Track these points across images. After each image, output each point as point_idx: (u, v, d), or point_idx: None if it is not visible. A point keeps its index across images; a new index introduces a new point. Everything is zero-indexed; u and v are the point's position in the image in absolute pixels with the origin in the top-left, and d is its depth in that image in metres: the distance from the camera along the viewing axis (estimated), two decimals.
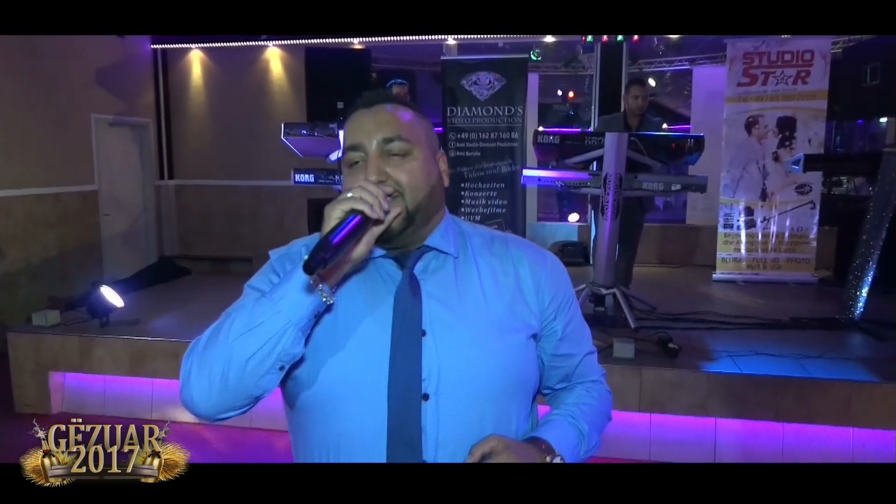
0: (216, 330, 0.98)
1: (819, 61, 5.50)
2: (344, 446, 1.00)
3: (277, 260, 1.09)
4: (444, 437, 0.98)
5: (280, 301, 0.93)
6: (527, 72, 5.94)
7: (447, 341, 0.99)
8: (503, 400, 1.02)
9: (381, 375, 0.97)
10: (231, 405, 0.98)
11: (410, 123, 1.03)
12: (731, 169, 5.71)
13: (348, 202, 0.92)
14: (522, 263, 1.08)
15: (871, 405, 3.17)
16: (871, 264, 4.18)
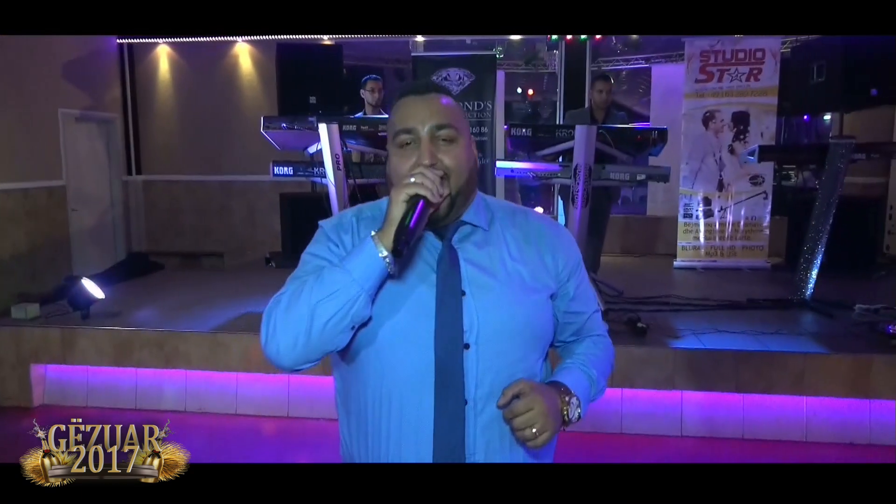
0: (295, 294, 1.10)
1: (770, 60, 5.83)
2: (397, 389, 1.14)
3: (332, 230, 1.22)
4: (481, 378, 1.14)
5: (353, 271, 1.08)
6: (495, 68, 6.14)
7: (483, 300, 1.15)
8: (527, 349, 1.19)
9: (428, 329, 1.12)
10: (308, 359, 1.13)
11: (456, 112, 1.17)
12: (689, 161, 6.00)
13: (412, 188, 1.06)
14: (541, 234, 1.25)
15: (822, 375, 3.45)
16: (819, 248, 4.48)
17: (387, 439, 1.15)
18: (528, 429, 1.10)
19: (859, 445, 3.51)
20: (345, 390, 1.24)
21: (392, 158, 1.16)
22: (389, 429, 1.15)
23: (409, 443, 1.14)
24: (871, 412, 3.51)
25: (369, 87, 5.40)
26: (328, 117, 4.38)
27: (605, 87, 4.86)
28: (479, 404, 1.13)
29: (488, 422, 1.14)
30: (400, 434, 1.14)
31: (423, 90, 1.18)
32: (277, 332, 1.10)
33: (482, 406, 1.14)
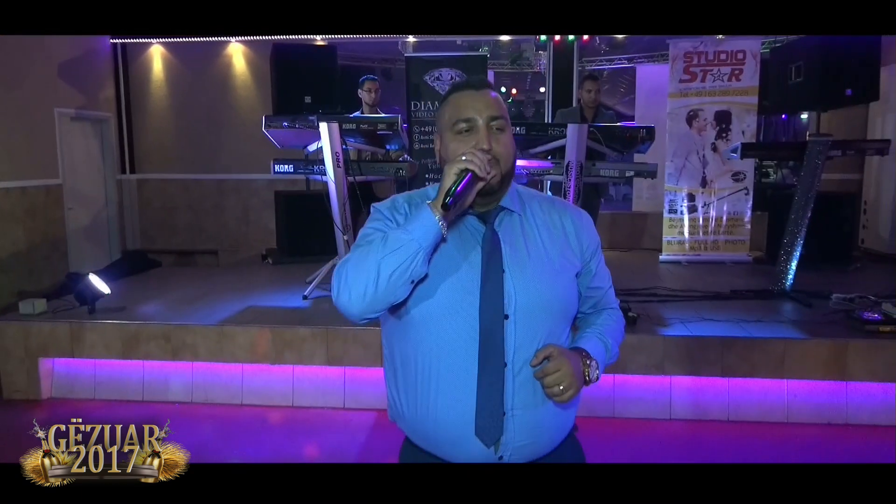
0: (363, 254, 1.27)
1: (750, 60, 6.05)
2: (445, 353, 1.31)
3: (387, 210, 1.39)
4: (518, 343, 1.31)
5: (413, 231, 1.25)
6: (486, 69, 6.29)
7: (520, 278, 1.33)
8: (557, 320, 1.38)
9: (473, 302, 1.31)
10: (374, 309, 1.28)
11: (504, 106, 1.36)
12: (674, 159, 6.21)
13: (462, 163, 1.25)
14: (567, 219, 1.44)
15: (801, 359, 3.65)
16: (798, 241, 4.70)
17: (435, 395, 1.32)
18: (557, 386, 1.29)
19: (836, 425, 3.72)
20: (395, 354, 1.40)
21: (450, 144, 1.34)
22: (439, 386, 1.32)
23: (455, 398, 1.31)
24: (848, 394, 3.72)
25: (367, 87, 5.52)
26: (329, 116, 4.51)
27: (593, 87, 5.06)
28: (517, 367, 1.31)
29: (524, 381, 1.32)
30: (448, 390, 1.31)
31: (479, 86, 1.36)
32: (349, 285, 1.26)
33: (519, 368, 1.31)
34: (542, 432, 1.35)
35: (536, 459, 1.37)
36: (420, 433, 1.38)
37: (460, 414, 1.30)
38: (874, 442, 3.55)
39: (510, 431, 1.31)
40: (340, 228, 4.62)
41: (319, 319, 4.08)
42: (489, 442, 1.30)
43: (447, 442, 1.34)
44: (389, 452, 3.56)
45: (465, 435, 1.30)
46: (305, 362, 3.94)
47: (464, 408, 1.30)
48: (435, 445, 1.37)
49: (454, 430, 1.31)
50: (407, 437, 1.46)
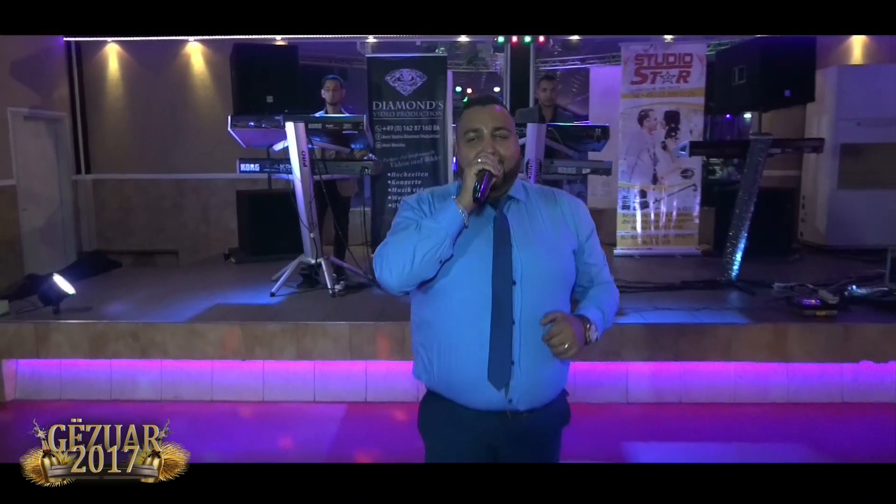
0: (400, 240, 1.57)
1: (697, 63, 6.34)
2: (464, 313, 1.59)
3: (415, 202, 1.70)
4: (524, 305, 1.59)
5: (442, 221, 1.55)
6: (446, 69, 6.43)
7: (526, 252, 1.61)
8: (556, 287, 1.66)
9: (487, 270, 1.59)
10: (410, 283, 1.58)
11: (507, 117, 1.66)
12: (626, 157, 6.47)
13: (479, 165, 1.55)
14: (564, 205, 1.73)
15: (746, 343, 3.90)
16: (742, 234, 4.99)
17: (456, 349, 1.60)
18: (561, 345, 1.54)
19: (779, 404, 3.99)
20: (422, 316, 1.68)
21: (462, 149, 1.66)
22: (459, 342, 1.60)
23: (472, 351, 1.58)
24: (788, 374, 3.99)
25: (328, 87, 5.56)
26: (295, 116, 4.58)
27: (548, 86, 5.26)
28: (523, 326, 1.59)
29: (528, 337, 1.59)
30: (466, 345, 1.59)
31: (485, 102, 1.67)
32: (390, 264, 1.56)
33: (525, 327, 1.59)
34: (542, 382, 1.63)
35: (536, 407, 1.63)
36: (444, 383, 1.65)
37: (476, 364, 1.58)
38: (814, 418, 3.83)
39: (516, 378, 1.58)
40: (307, 226, 4.69)
41: (288, 315, 4.16)
42: (500, 385, 1.58)
43: (466, 387, 1.61)
44: (361, 442, 3.68)
45: (481, 380, 1.58)
46: (276, 357, 4.01)
47: (479, 359, 1.58)
48: (455, 392, 1.64)
49: (472, 376, 1.59)
50: (428, 391, 1.74)
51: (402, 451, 3.45)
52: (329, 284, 4.68)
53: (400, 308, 4.32)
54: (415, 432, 3.42)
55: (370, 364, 4.06)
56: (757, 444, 3.60)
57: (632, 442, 3.55)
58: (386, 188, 6.46)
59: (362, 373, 4.09)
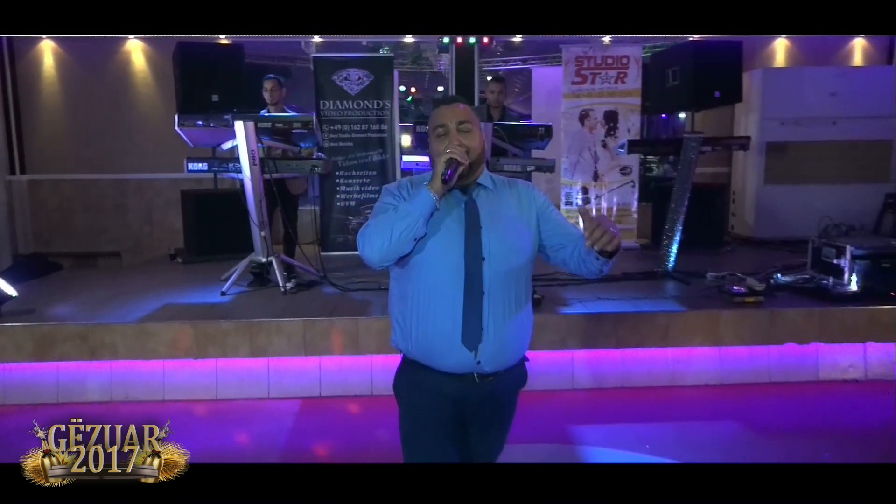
0: (380, 221, 1.77)
1: (633, 65, 6.62)
2: (439, 285, 1.80)
3: (395, 189, 1.91)
4: (492, 278, 1.81)
5: (415, 203, 1.76)
6: (393, 69, 6.50)
7: (493, 232, 1.84)
8: (519, 260, 1.87)
9: (459, 248, 1.81)
10: (389, 258, 1.78)
11: (471, 113, 1.89)
12: (569, 155, 6.69)
13: (447, 155, 1.75)
14: (520, 189, 1.96)
15: (682, 329, 4.14)
16: (678, 227, 5.26)
17: (433, 317, 1.81)
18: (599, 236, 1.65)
19: (712, 385, 4.25)
20: (401, 290, 1.88)
21: (433, 143, 1.89)
22: (436, 311, 1.81)
23: (446, 318, 1.79)
24: (721, 357, 4.26)
25: (266, 87, 5.55)
26: (244, 115, 4.59)
27: (496, 88, 5.41)
28: (491, 294, 1.81)
29: (496, 307, 1.81)
30: (442, 313, 1.80)
31: (450, 101, 1.91)
32: (371, 242, 1.76)
33: (493, 295, 1.81)
34: (507, 346, 1.85)
35: (500, 370, 1.85)
36: (420, 348, 1.85)
37: (450, 329, 1.79)
38: (745, 398, 4.10)
39: (485, 342, 1.80)
40: (257, 225, 4.71)
41: (240, 313, 4.18)
42: (472, 347, 1.79)
43: (441, 351, 1.81)
44: (317, 436, 3.74)
45: (454, 344, 1.79)
46: (229, 355, 4.03)
47: (453, 325, 1.79)
48: (431, 357, 1.84)
49: (446, 341, 1.80)
50: (404, 358, 1.94)
51: (358, 444, 3.54)
52: (280, 282, 4.70)
53: (352, 304, 4.40)
54: (371, 424, 3.55)
55: (324, 359, 4.12)
56: (693, 423, 3.83)
57: (577, 425, 3.73)
58: (335, 187, 6.49)
59: (316, 368, 4.15)
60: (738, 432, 3.68)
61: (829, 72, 7.02)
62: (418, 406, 1.89)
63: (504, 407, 1.96)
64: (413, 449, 1.90)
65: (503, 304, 1.81)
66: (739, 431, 3.70)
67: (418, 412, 1.89)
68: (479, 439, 1.95)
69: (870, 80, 6.90)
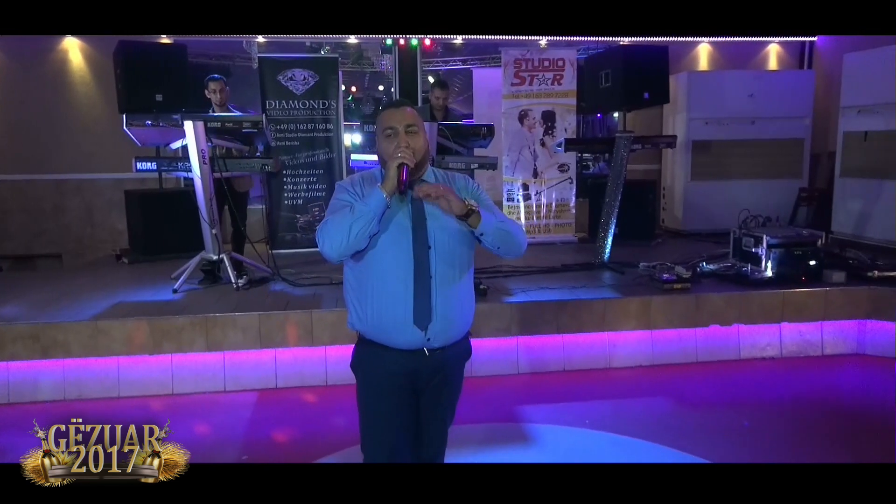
0: (339, 219, 1.93)
1: (568, 67, 6.95)
2: (391, 272, 1.98)
3: (349, 185, 2.08)
4: (438, 263, 1.99)
5: (370, 204, 1.93)
6: (338, 69, 6.64)
7: (437, 223, 2.01)
8: (461, 245, 2.06)
9: (407, 238, 1.99)
10: (346, 253, 1.96)
11: (417, 116, 2.05)
12: (509, 153, 6.98)
13: (399, 160, 1.91)
14: (458, 183, 2.15)
15: (617, 314, 4.46)
16: (612, 220, 5.60)
17: (386, 300, 1.99)
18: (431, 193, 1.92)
19: (645, 366, 4.59)
20: (357, 278, 2.06)
21: (382, 143, 2.03)
22: (387, 294, 1.99)
23: (399, 301, 1.98)
24: (653, 340, 4.60)
25: (211, 88, 5.55)
26: (193, 115, 4.65)
27: (441, 95, 5.64)
28: (438, 278, 2.00)
29: (442, 290, 2.01)
30: (394, 296, 1.98)
31: (399, 105, 2.08)
32: (331, 239, 1.93)
33: (439, 279, 2.00)
34: (453, 323, 2.05)
35: (447, 345, 2.05)
36: (375, 328, 2.03)
37: (402, 310, 1.98)
38: (675, 376, 4.45)
39: (434, 321, 2.00)
40: (208, 223, 4.78)
41: (194, 310, 4.25)
42: (422, 326, 1.99)
43: (394, 330, 2.00)
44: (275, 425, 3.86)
45: (406, 323, 1.98)
46: (185, 350, 4.10)
47: (405, 306, 1.98)
48: (384, 335, 2.02)
49: (398, 321, 1.99)
50: (360, 337, 2.11)
51: (316, 431, 3.69)
52: (233, 279, 4.79)
53: (304, 299, 4.54)
54: (327, 412, 3.77)
55: (279, 352, 4.25)
56: (628, 399, 4.14)
57: (522, 406, 3.98)
58: (282, 185, 6.59)
59: (272, 361, 4.27)
60: (668, 407, 4.02)
61: (747, 75, 7.55)
62: (374, 380, 2.08)
63: (452, 377, 2.15)
64: (369, 420, 2.11)
65: (449, 286, 2.00)
66: (670, 406, 4.03)
67: (374, 386, 2.08)
68: (431, 408, 2.15)
69: (784, 83, 7.46)
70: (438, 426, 2.22)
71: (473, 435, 3.46)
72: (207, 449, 3.50)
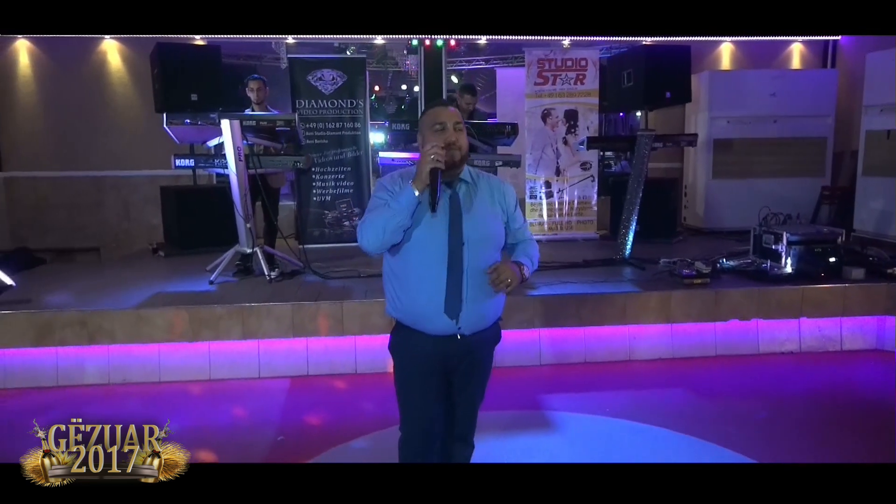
0: (376, 216, 2.11)
1: (591, 67, 7.07)
2: (426, 265, 2.14)
3: (388, 182, 2.21)
4: (470, 259, 2.14)
5: (402, 201, 2.09)
6: (365, 69, 6.81)
7: (471, 221, 2.17)
8: (492, 245, 2.22)
9: (444, 234, 2.14)
10: (383, 247, 2.14)
11: (460, 115, 2.22)
12: (532, 151, 7.11)
13: (430, 164, 2.03)
14: (497, 185, 2.30)
15: (638, 308, 4.58)
16: (633, 217, 5.71)
17: (420, 291, 2.16)
18: (504, 282, 2.12)
19: (665, 359, 4.70)
20: (395, 269, 2.22)
21: (429, 137, 2.15)
22: (422, 286, 2.16)
23: (433, 292, 2.14)
24: (673, 333, 4.71)
25: (252, 87, 5.76)
26: (230, 114, 4.85)
27: (472, 101, 5.81)
28: (469, 273, 2.15)
29: (473, 282, 2.15)
30: (429, 287, 2.14)
31: (446, 104, 2.27)
32: (368, 234, 2.11)
33: (471, 273, 2.15)
34: (483, 314, 2.21)
35: (477, 332, 2.21)
36: (410, 315, 2.21)
37: (436, 301, 2.15)
38: (693, 369, 4.55)
39: (464, 312, 2.16)
40: (242, 217, 4.98)
41: (230, 300, 4.45)
42: (453, 316, 2.15)
43: (428, 318, 2.17)
44: (309, 409, 4.04)
45: (438, 313, 2.15)
46: (222, 338, 4.31)
47: (438, 297, 2.15)
48: (419, 322, 2.19)
49: (432, 310, 2.16)
50: (397, 323, 2.28)
51: (347, 416, 3.86)
52: (266, 271, 4.99)
53: (335, 291, 4.72)
54: (357, 398, 3.98)
55: (311, 341, 4.44)
56: (647, 390, 4.26)
57: (544, 395, 4.12)
58: (311, 183, 6.79)
59: (304, 349, 4.46)
60: (686, 398, 4.13)
61: (769, 74, 7.59)
62: (409, 362, 2.25)
63: (482, 360, 2.31)
64: (405, 397, 2.30)
65: (480, 279, 2.13)
66: (687, 397, 4.14)
67: (409, 367, 2.26)
68: (462, 388, 2.32)
69: (807, 82, 7.50)
70: (469, 406, 2.39)
71: (499, 421, 3.62)
72: (245, 430, 3.70)
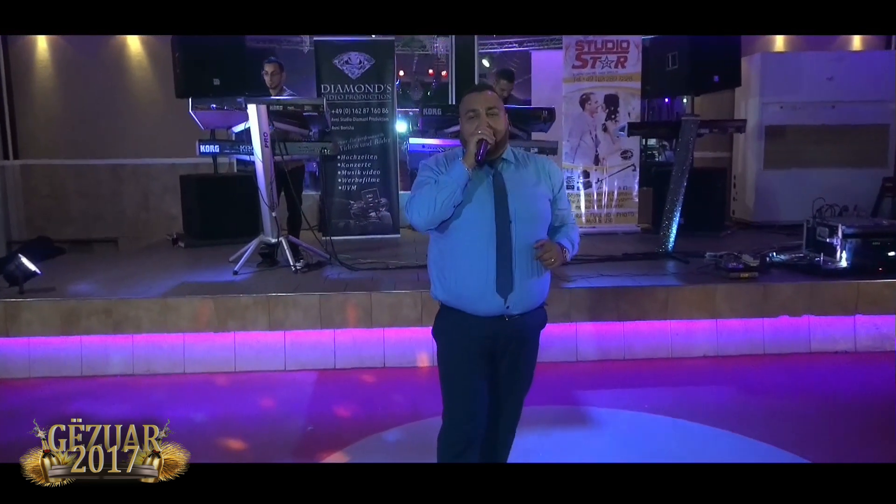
0: (425, 192, 2.27)
1: (633, 50, 7.15)
2: (475, 244, 2.29)
3: (433, 164, 2.38)
4: (518, 236, 2.28)
5: (452, 175, 2.26)
6: (394, 53, 6.99)
7: (517, 199, 2.31)
8: (539, 223, 2.36)
9: (490, 212, 2.29)
10: (433, 222, 2.28)
11: (497, 100, 2.36)
12: (570, 139, 7.22)
13: (479, 135, 2.23)
14: (543, 165, 2.45)
15: (680, 302, 4.68)
16: (677, 208, 5.80)
17: (469, 270, 2.30)
18: (550, 259, 2.28)
19: (709, 357, 4.79)
20: (442, 251, 2.38)
21: (465, 124, 2.34)
22: (471, 264, 2.31)
23: (482, 271, 2.28)
24: (718, 330, 4.80)
25: (268, 70, 5.91)
26: (257, 99, 5.06)
27: (508, 87, 5.97)
28: (518, 249, 2.30)
29: (522, 261, 2.30)
30: (477, 266, 2.29)
31: (481, 88, 2.41)
32: (418, 210, 2.28)
33: (519, 253, 2.30)
34: (531, 292, 2.35)
35: (525, 312, 2.35)
36: (458, 296, 2.36)
37: (485, 280, 2.30)
38: (740, 368, 4.64)
39: (514, 290, 2.30)
40: (268, 204, 5.19)
41: (256, 290, 4.66)
42: (504, 294, 2.29)
43: (476, 298, 2.31)
44: (338, 401, 4.22)
45: (489, 292, 2.30)
46: (248, 329, 4.51)
47: (487, 276, 2.29)
48: (467, 303, 2.34)
49: (481, 289, 2.30)
50: (442, 306, 2.43)
51: (376, 408, 4.04)
52: (291, 262, 5.20)
53: (362, 282, 4.90)
54: (386, 392, 4.17)
55: (338, 333, 4.62)
56: (690, 387, 4.36)
57: (582, 391, 4.25)
58: (336, 171, 6.99)
59: (331, 341, 4.65)
60: (733, 396, 4.22)
61: (827, 56, 7.59)
62: (456, 345, 2.39)
63: (529, 342, 2.45)
64: (450, 380, 2.44)
65: (528, 257, 2.28)
66: (735, 395, 4.23)
67: (456, 350, 2.39)
68: (508, 373, 2.46)
69: (868, 64, 7.49)
70: (516, 394, 2.53)
71: (540, 416, 3.75)
72: (274, 420, 3.90)
